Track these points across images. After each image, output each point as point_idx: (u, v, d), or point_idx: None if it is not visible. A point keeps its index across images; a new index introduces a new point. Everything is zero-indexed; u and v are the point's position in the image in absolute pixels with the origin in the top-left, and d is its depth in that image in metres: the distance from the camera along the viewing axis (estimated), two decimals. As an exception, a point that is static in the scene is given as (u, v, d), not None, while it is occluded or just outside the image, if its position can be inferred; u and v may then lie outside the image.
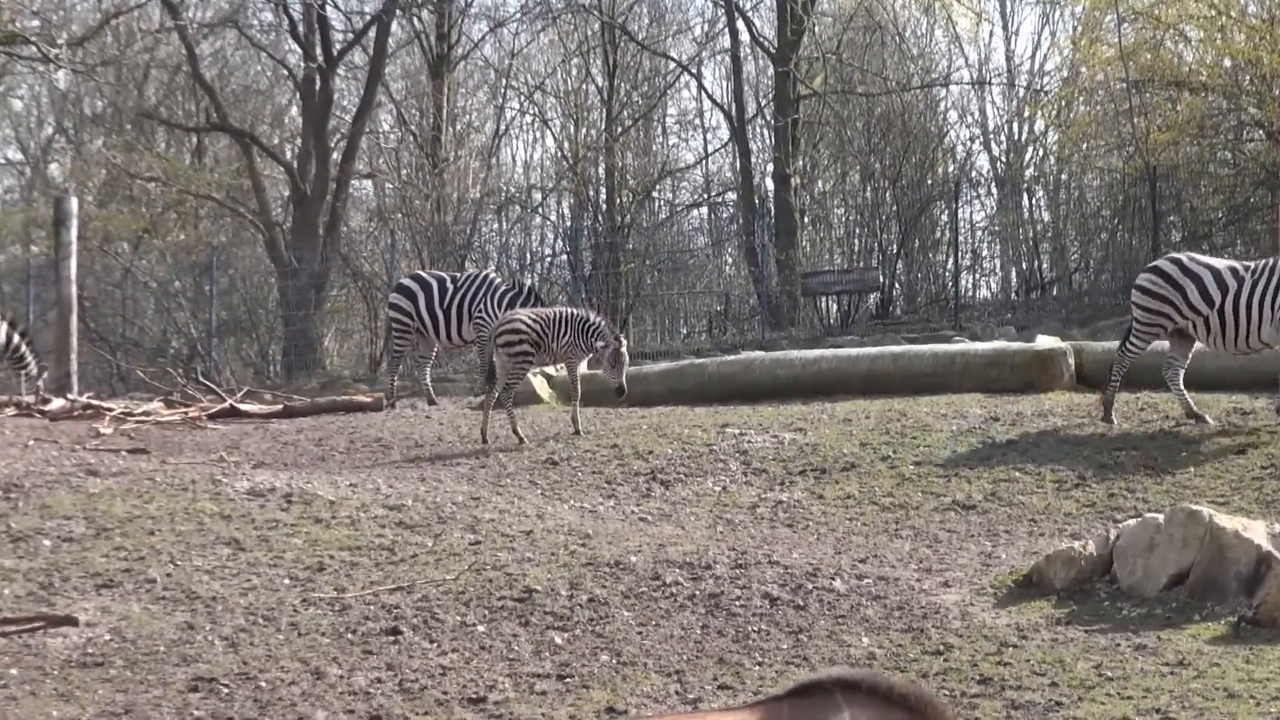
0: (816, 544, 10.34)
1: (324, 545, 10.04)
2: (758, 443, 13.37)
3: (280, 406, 18.97)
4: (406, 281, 20.37)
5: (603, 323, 14.79)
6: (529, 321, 14.85)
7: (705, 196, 39.27)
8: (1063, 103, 34.68)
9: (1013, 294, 33.04)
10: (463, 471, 13.03)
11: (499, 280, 19.95)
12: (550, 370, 18.26)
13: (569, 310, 15.37)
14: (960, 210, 31.94)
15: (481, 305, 19.36)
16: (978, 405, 14.68)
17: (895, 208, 33.04)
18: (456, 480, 12.48)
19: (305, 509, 10.87)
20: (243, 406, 18.52)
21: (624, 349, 14.54)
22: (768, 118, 34.66)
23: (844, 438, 13.37)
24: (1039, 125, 36.33)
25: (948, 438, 13.14)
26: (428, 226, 33.01)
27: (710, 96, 38.19)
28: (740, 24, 34.27)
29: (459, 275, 20.45)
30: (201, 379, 23.33)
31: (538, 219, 37.80)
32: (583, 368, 15.64)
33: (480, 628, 8.38)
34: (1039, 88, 36.96)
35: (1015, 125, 37.14)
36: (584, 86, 36.77)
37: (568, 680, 7.56)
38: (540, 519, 10.90)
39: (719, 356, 19.71)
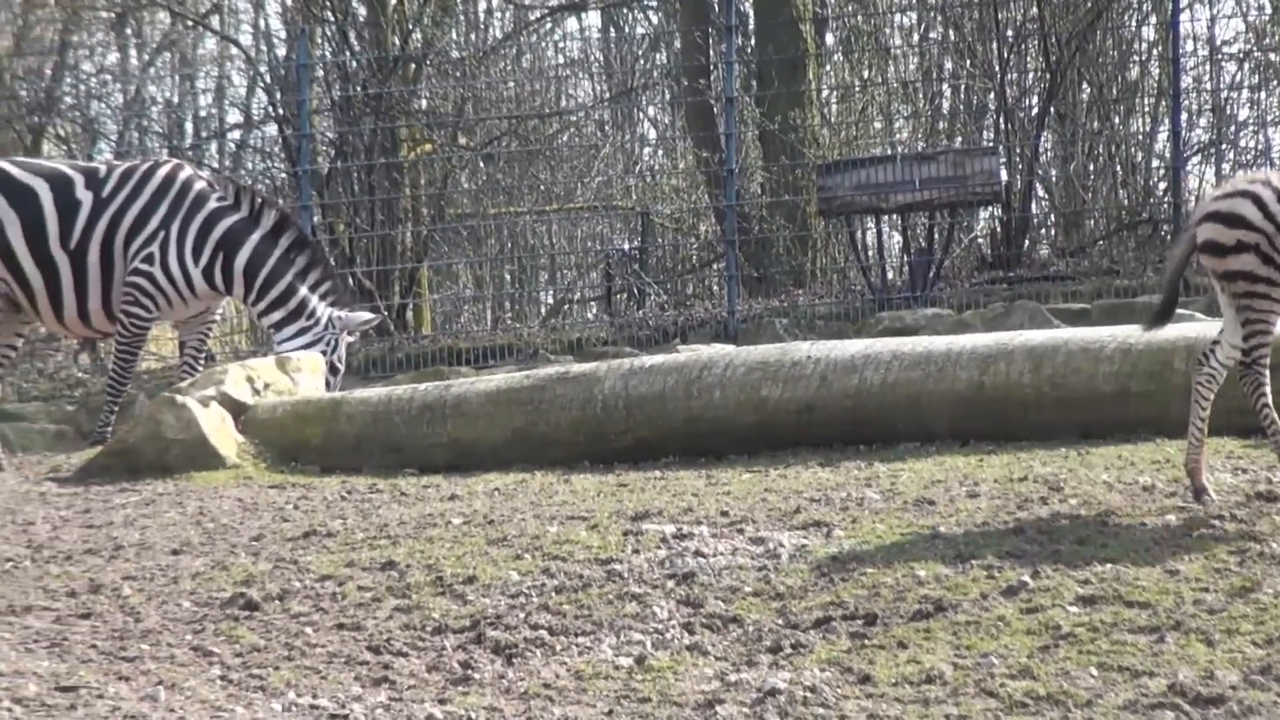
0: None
1: None
2: (717, 555, 6.66)
3: None
4: None
5: None
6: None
7: (593, -10, 20.66)
8: None
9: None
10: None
11: (196, 181, 10.88)
12: (248, 374, 9.84)
13: None
14: (1183, 18, 15.92)
15: (163, 243, 10.68)
16: (1230, 465, 7.66)
17: (1038, 14, 16.50)
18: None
19: None
20: None
21: None
22: None
23: (917, 542, 6.59)
24: None
25: (1158, 534, 6.43)
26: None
27: None
28: None
29: (97, 168, 11.13)
30: None
31: (210, 43, 20.87)
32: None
33: None
34: None
35: None
36: None
37: None
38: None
39: (630, 357, 10.63)
